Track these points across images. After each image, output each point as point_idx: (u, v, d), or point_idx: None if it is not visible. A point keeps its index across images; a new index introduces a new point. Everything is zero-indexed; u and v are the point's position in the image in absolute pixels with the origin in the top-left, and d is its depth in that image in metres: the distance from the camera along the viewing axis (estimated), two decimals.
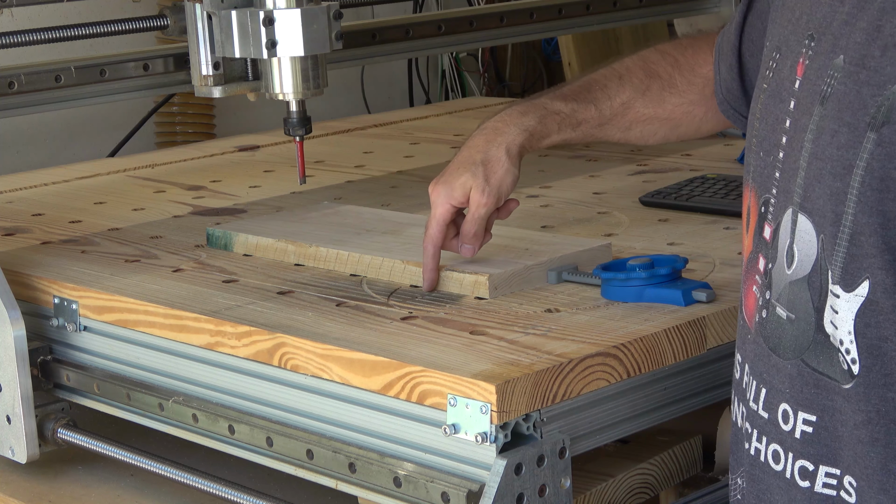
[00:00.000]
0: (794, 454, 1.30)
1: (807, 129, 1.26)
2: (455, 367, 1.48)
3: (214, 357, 1.73)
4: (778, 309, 1.31)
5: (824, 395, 1.26)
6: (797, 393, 1.29)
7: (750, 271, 1.37)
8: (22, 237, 2.21)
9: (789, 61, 1.32)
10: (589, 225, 2.05)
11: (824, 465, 1.27)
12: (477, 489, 1.45)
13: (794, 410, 1.29)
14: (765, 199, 1.34)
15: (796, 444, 1.29)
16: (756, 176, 1.36)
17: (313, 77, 2.06)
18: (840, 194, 1.22)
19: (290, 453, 1.64)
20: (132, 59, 2.46)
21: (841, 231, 1.22)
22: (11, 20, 3.53)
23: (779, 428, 1.31)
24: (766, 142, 1.35)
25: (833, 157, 1.23)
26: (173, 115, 3.94)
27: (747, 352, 1.38)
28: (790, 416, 1.30)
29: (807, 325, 1.27)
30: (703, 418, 1.77)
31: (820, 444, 1.27)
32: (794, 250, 1.28)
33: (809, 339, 1.27)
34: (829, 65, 1.25)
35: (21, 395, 1.88)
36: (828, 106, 1.24)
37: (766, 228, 1.33)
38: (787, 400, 1.30)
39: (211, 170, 2.70)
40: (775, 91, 1.34)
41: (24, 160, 3.68)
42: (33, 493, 1.92)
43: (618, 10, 3.11)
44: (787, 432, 1.30)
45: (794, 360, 1.29)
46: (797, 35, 1.32)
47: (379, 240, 1.93)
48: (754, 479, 1.36)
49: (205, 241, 2.07)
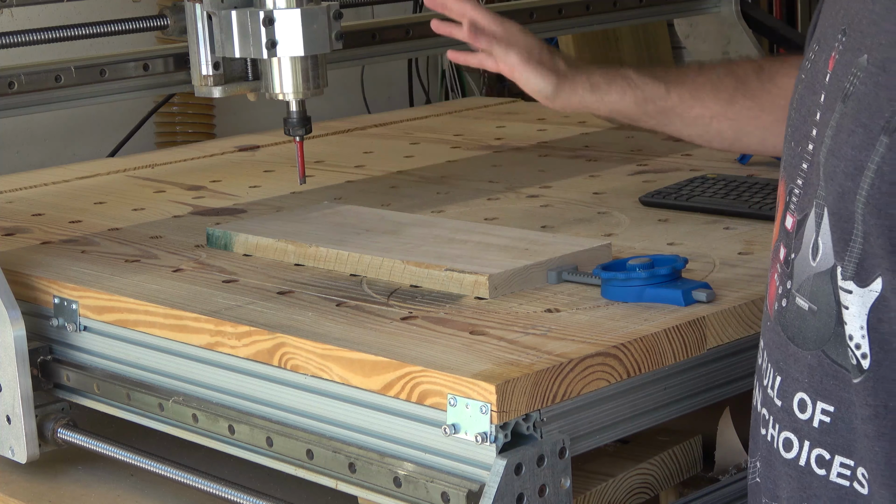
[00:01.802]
0: (811, 442, 1.30)
1: (828, 125, 1.27)
2: (455, 367, 1.48)
3: (214, 357, 1.73)
4: (798, 299, 1.31)
5: (842, 387, 1.27)
6: (816, 383, 1.29)
7: (773, 260, 1.38)
8: (22, 237, 2.21)
9: (824, 54, 1.33)
10: (589, 225, 2.06)
11: (840, 455, 1.28)
12: (477, 489, 1.45)
13: (812, 400, 1.30)
14: (790, 189, 1.34)
15: (814, 433, 1.30)
16: (786, 165, 1.37)
17: (313, 77, 2.06)
18: (850, 194, 1.22)
19: (290, 453, 1.64)
20: (132, 59, 2.46)
21: (854, 228, 1.23)
22: (11, 20, 3.53)
23: (793, 416, 1.32)
24: (797, 132, 1.35)
25: (847, 157, 1.23)
26: (173, 115, 3.94)
27: (767, 338, 1.38)
28: (808, 406, 1.30)
29: (828, 317, 1.28)
30: (703, 418, 1.77)
31: (837, 435, 1.28)
32: (819, 243, 1.29)
33: (831, 331, 1.27)
34: (853, 62, 1.25)
35: (21, 395, 1.88)
36: (848, 104, 1.25)
37: (788, 218, 1.34)
38: (805, 389, 1.30)
39: (211, 170, 2.70)
40: (811, 82, 1.34)
41: (24, 160, 3.68)
42: (33, 493, 1.92)
43: (618, 10, 3.11)
44: (803, 421, 1.31)
45: (814, 350, 1.29)
46: (833, 28, 1.32)
47: (379, 240, 1.93)
48: (768, 464, 1.37)
49: (205, 241, 2.07)
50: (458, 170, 2.53)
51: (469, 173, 2.50)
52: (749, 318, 1.65)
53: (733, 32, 3.27)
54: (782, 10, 4.62)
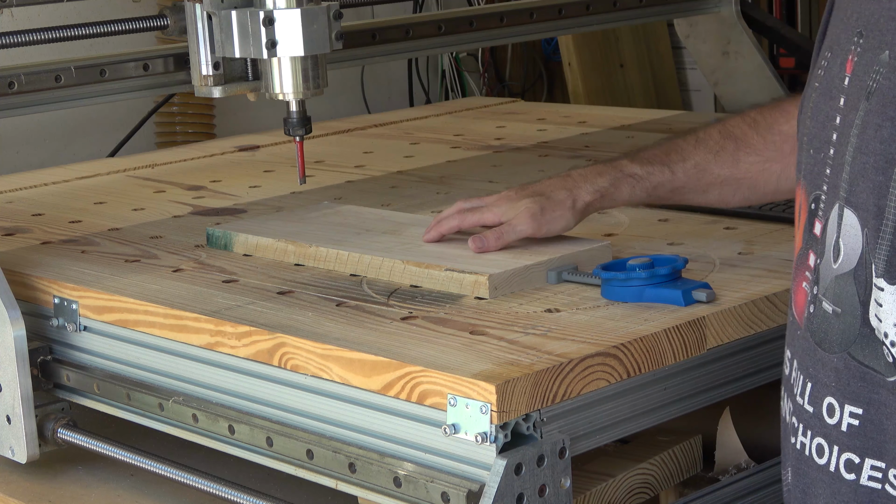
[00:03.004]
0: (839, 447, 1.30)
1: (853, 125, 1.27)
2: (455, 367, 1.48)
3: (214, 357, 1.73)
4: (824, 304, 1.31)
5: (870, 389, 1.27)
6: (843, 386, 1.29)
7: (800, 268, 1.38)
8: (22, 237, 2.21)
9: (839, 59, 1.33)
10: (589, 225, 2.05)
11: (870, 458, 1.28)
12: (477, 489, 1.45)
13: (840, 404, 1.30)
14: (815, 196, 1.35)
15: (842, 437, 1.30)
16: (807, 173, 1.37)
17: (313, 77, 2.06)
18: (882, 188, 1.23)
19: (290, 453, 1.64)
20: (132, 59, 2.46)
21: (884, 224, 1.23)
22: (11, 20, 3.53)
23: (823, 422, 1.32)
24: (816, 139, 1.36)
25: (876, 151, 1.24)
26: (173, 115, 3.94)
27: (796, 347, 1.38)
28: (836, 410, 1.31)
29: (853, 319, 1.28)
30: (703, 418, 1.77)
31: (866, 437, 1.28)
32: (840, 244, 1.29)
33: (856, 332, 1.28)
34: (875, 60, 1.26)
35: (21, 395, 1.88)
36: (873, 101, 1.25)
37: (816, 225, 1.34)
38: (833, 393, 1.31)
39: (211, 170, 2.70)
40: (826, 89, 1.35)
41: (24, 160, 3.68)
42: (33, 493, 1.92)
43: (618, 10, 3.11)
44: (832, 426, 1.31)
45: (840, 353, 1.30)
46: (847, 33, 1.33)
47: (379, 240, 1.93)
48: (799, 474, 1.37)
49: (205, 241, 2.07)
50: (458, 170, 2.54)
51: (469, 173, 2.50)
52: (749, 318, 1.65)
53: (733, 32, 3.27)
54: (782, 10, 4.61)
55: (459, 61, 4.64)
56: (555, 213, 1.82)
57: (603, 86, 4.42)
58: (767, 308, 1.67)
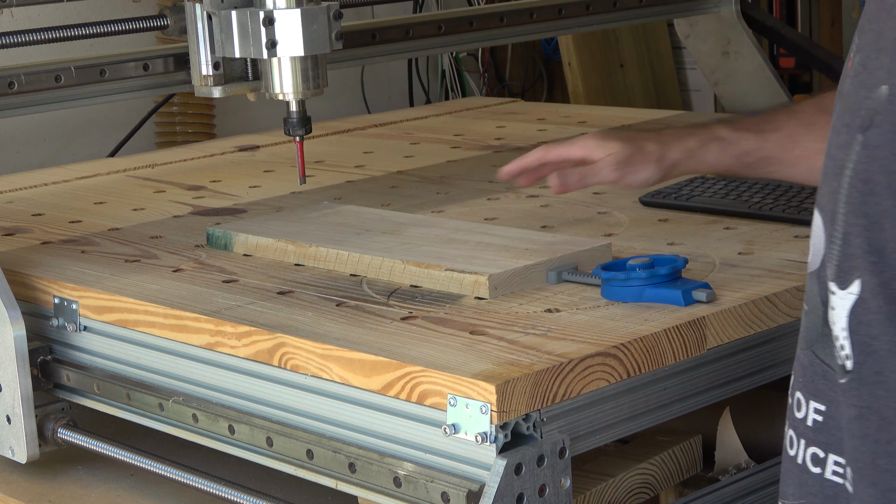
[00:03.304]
0: (806, 441, 1.31)
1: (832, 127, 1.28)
2: (455, 367, 1.48)
3: (214, 357, 1.73)
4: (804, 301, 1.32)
5: (829, 387, 1.28)
6: (809, 382, 1.30)
7: None
8: (22, 237, 2.21)
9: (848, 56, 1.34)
10: (589, 225, 2.06)
11: (832, 453, 1.29)
12: (477, 489, 1.45)
13: (805, 399, 1.31)
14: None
15: (808, 432, 1.31)
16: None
17: (313, 77, 2.06)
18: (835, 194, 1.23)
19: (290, 453, 1.64)
20: (132, 59, 2.46)
21: (835, 230, 1.24)
22: (11, 20, 3.53)
23: (793, 415, 1.33)
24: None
25: (834, 157, 1.24)
26: (173, 115, 3.94)
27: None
28: (803, 405, 1.31)
29: (816, 318, 1.29)
30: (703, 418, 1.77)
31: (828, 433, 1.28)
32: (809, 245, 1.30)
33: (818, 331, 1.28)
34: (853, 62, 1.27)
35: (21, 395, 1.88)
36: (838, 105, 1.26)
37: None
38: (801, 388, 1.32)
39: (211, 170, 2.70)
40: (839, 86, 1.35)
41: (24, 160, 3.68)
42: (33, 493, 1.92)
43: (618, 10, 3.11)
44: (800, 420, 1.32)
45: (806, 350, 1.30)
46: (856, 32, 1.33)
47: (379, 240, 1.93)
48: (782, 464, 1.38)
49: (205, 241, 2.07)
50: (458, 170, 2.54)
51: (469, 173, 2.50)
52: (749, 318, 1.65)
53: (733, 32, 3.27)
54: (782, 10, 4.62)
55: (459, 61, 4.64)
56: (641, 165, 1.79)
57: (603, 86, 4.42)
58: (767, 308, 1.67)
